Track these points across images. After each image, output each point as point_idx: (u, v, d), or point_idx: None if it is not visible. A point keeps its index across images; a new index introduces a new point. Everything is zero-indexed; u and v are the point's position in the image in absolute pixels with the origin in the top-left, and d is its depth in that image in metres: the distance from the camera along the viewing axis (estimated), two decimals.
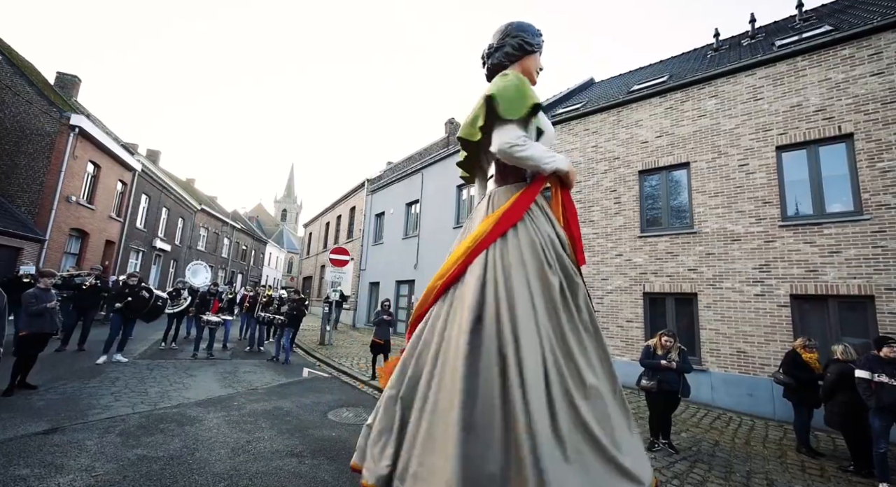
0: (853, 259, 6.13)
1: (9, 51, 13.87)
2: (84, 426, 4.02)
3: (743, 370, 6.80)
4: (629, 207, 8.74)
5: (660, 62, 12.53)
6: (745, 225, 7.15)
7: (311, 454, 3.80)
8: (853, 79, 6.56)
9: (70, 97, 16.85)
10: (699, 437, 5.31)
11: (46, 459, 3.23)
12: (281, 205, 72.20)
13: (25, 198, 12.38)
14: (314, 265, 27.29)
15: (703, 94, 8.10)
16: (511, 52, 1.95)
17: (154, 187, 19.99)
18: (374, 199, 19.10)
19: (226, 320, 9.29)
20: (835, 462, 4.66)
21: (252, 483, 3.14)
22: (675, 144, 8.30)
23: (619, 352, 8.29)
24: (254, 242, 41.00)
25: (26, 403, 4.54)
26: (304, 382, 6.93)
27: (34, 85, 13.09)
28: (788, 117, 7.03)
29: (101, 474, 3.06)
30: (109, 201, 15.93)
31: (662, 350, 4.90)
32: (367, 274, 18.15)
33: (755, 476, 4.15)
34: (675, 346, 4.91)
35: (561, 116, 10.42)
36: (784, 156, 7.08)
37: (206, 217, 28.28)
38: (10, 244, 11.11)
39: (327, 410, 5.29)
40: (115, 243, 16.67)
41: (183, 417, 4.52)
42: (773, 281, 6.74)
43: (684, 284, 7.66)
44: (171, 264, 22.92)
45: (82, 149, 13.62)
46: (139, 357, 7.77)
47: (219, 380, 6.45)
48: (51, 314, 5.18)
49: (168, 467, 3.26)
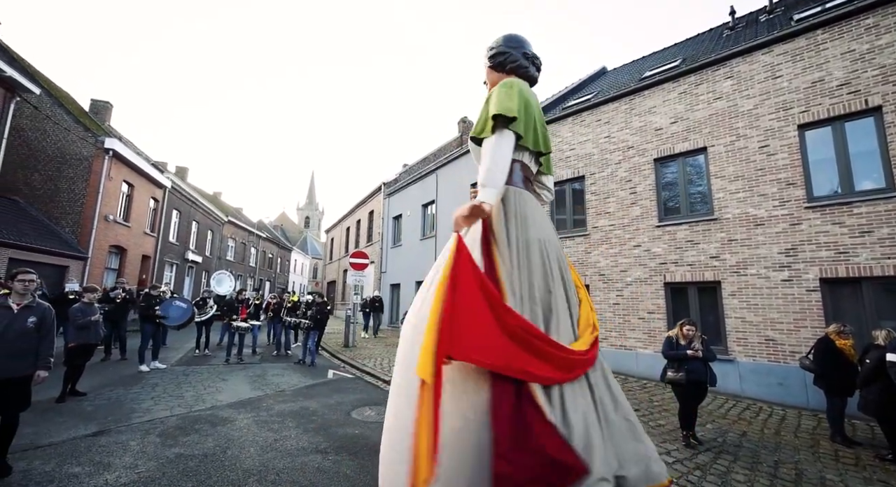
0: (887, 238, 5.83)
1: (47, 83, 14.88)
2: (128, 428, 4.34)
3: (772, 358, 6.57)
4: (646, 197, 8.58)
5: (674, 45, 12.17)
6: (769, 208, 6.90)
7: (334, 450, 3.97)
8: (879, 49, 6.22)
9: (103, 122, 17.90)
10: (725, 428, 5.19)
11: (95, 458, 3.52)
12: (304, 213, 74.05)
13: (69, 219, 13.27)
14: (337, 270, 27.91)
15: (718, 76, 7.85)
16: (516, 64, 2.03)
17: (184, 202, 20.97)
18: (391, 202, 19.38)
19: (254, 325, 9.69)
20: (872, 451, 4.47)
21: (279, 477, 3.32)
22: (690, 129, 8.09)
23: (642, 345, 8.15)
24: (279, 250, 42.26)
25: (77, 408, 4.93)
26: (329, 383, 7.17)
27: (71, 113, 14.01)
28: (810, 94, 6.74)
29: (144, 471, 3.32)
30: (143, 218, 16.85)
31: (685, 339, 4.72)
32: (388, 277, 18.44)
33: (783, 466, 4.04)
34: (696, 335, 4.75)
35: (572, 108, 10.32)
36: (807, 134, 6.79)
37: (234, 228, 29.39)
38: (58, 263, 11.94)
39: (351, 409, 5.48)
40: (151, 257, 17.61)
41: (216, 418, 4.80)
42: (801, 266, 6.48)
43: (707, 273, 7.47)
44: (203, 274, 23.95)
45: (116, 170, 14.47)
46: (176, 364, 8.23)
47: (249, 383, 6.76)
48: (95, 326, 5.60)
49: (203, 464, 3.50)
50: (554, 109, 11.51)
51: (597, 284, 9.12)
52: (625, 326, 8.54)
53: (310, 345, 8.92)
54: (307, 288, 48.02)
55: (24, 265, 9.66)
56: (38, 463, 3.36)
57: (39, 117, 13.57)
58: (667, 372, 4.76)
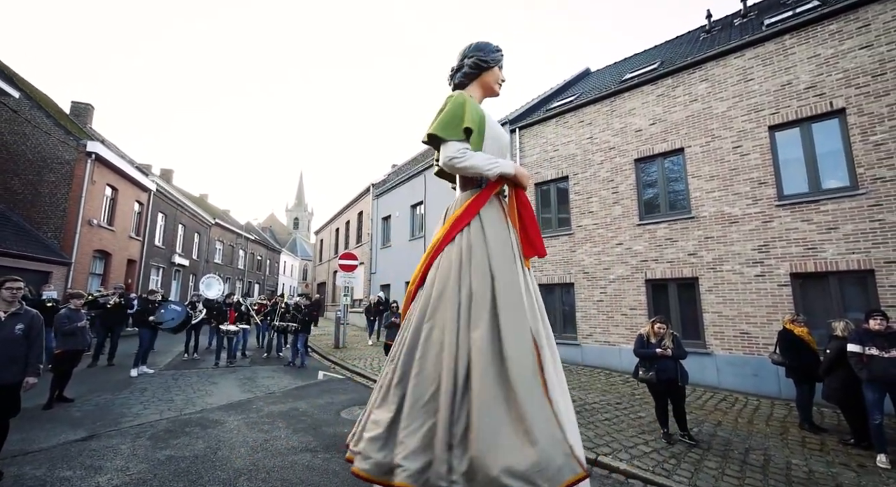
0: (851, 234, 6.14)
1: (26, 85, 14.60)
2: (118, 432, 4.38)
3: (747, 351, 6.85)
4: (627, 196, 8.82)
5: (654, 47, 12.49)
6: (742, 206, 7.19)
7: (324, 449, 4.08)
8: (842, 53, 6.53)
9: (85, 124, 17.61)
10: (702, 419, 5.42)
11: (86, 462, 3.58)
12: (292, 214, 73.44)
13: (51, 224, 13.06)
14: (327, 271, 27.83)
15: (694, 79, 8.12)
16: (469, 71, 2.15)
17: (169, 205, 20.72)
18: (379, 203, 19.43)
19: (244, 329, 9.71)
20: (836, 437, 4.73)
21: (269, 476, 3.42)
22: (668, 131, 8.35)
23: (625, 340, 8.39)
24: (268, 252, 41.91)
25: (65, 414, 4.95)
26: (319, 384, 7.25)
27: (51, 116, 13.77)
28: (779, 96, 7.03)
29: (135, 473, 3.39)
30: (128, 222, 16.63)
31: (656, 337, 4.74)
32: (378, 277, 18.49)
33: (753, 453, 4.26)
34: (667, 333, 4.74)
35: (555, 110, 10.53)
36: (777, 135, 7.08)
37: (221, 230, 29.10)
38: (40, 269, 11.76)
39: (341, 409, 5.58)
40: (137, 261, 17.39)
41: (206, 421, 4.86)
42: (773, 261, 6.77)
43: (685, 269, 7.73)
44: (191, 278, 23.70)
45: (99, 173, 14.27)
46: (164, 368, 8.22)
47: (239, 386, 6.81)
48: (82, 332, 5.61)
49: (194, 465, 3.58)
50: (538, 110, 11.72)
51: (581, 282, 9.35)
52: (608, 322, 8.77)
53: (298, 347, 8.98)
54: (297, 289, 47.70)
55: (6, 271, 9.53)
56: (29, 468, 3.41)
57: (18, 121, 13.32)
58: (638, 372, 4.77)
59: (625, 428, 4.94)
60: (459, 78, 2.17)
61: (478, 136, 1.94)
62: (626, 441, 4.50)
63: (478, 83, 2.17)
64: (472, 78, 2.16)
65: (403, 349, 1.83)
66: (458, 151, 1.88)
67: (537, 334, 1.76)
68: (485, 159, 1.91)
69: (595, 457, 4.01)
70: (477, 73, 2.15)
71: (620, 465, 3.86)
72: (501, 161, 1.95)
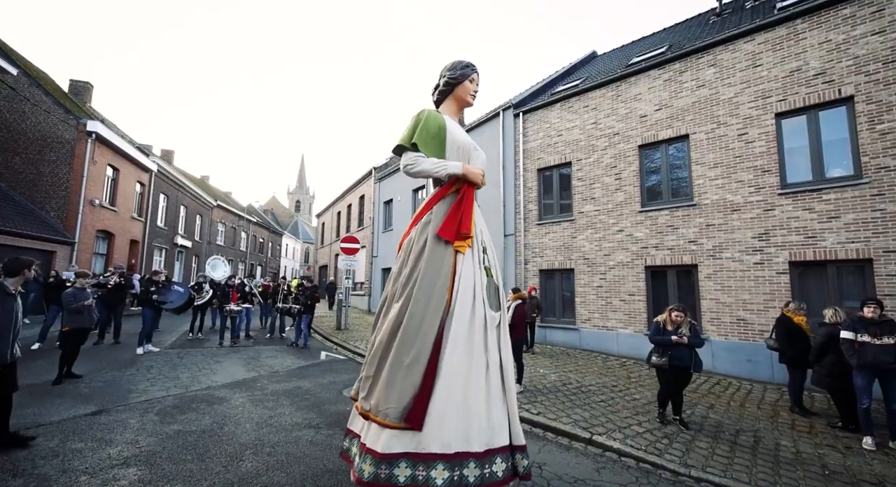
0: (852, 223, 6.14)
1: (24, 63, 14.40)
2: (126, 407, 4.51)
3: (743, 337, 6.95)
4: (629, 182, 8.79)
5: (662, 30, 12.21)
6: (745, 194, 7.17)
7: (326, 425, 4.20)
8: (854, 39, 6.40)
9: (84, 103, 17.44)
10: (695, 402, 5.55)
11: (97, 435, 3.71)
12: (294, 197, 73.20)
13: (53, 203, 13.09)
14: (329, 254, 27.95)
15: (702, 64, 7.99)
16: (443, 89, 2.52)
17: (171, 186, 20.69)
18: (381, 187, 19.37)
19: (247, 308, 9.84)
20: (825, 420, 4.86)
21: (274, 450, 3.54)
22: (674, 117, 8.25)
23: (623, 325, 8.50)
24: (270, 234, 42.01)
25: (74, 390, 5.08)
26: (321, 364, 7.40)
27: (50, 94, 13.63)
28: (788, 83, 6.92)
29: (144, 446, 3.51)
30: (130, 202, 16.65)
31: (672, 325, 4.67)
32: (379, 261, 18.60)
33: (744, 434, 4.39)
34: (685, 321, 4.67)
35: (560, 94, 10.39)
36: (784, 122, 7.01)
37: (223, 212, 29.11)
38: (45, 248, 11.85)
39: (343, 388, 5.72)
40: (139, 242, 17.48)
41: (212, 398, 5.00)
42: (773, 250, 6.79)
43: (685, 256, 7.77)
44: (193, 259, 23.85)
45: (100, 153, 14.21)
46: (169, 347, 8.38)
47: (243, 365, 6.96)
48: (89, 311, 5.70)
49: (201, 439, 3.70)
50: (543, 95, 11.56)
51: (581, 268, 9.41)
52: (607, 308, 8.87)
53: (302, 328, 9.12)
54: (299, 272, 48.00)
55: (10, 251, 9.62)
56: (42, 440, 3.53)
57: (17, 98, 13.19)
58: (651, 357, 4.73)
59: (619, 409, 5.07)
60: (437, 97, 2.57)
61: (438, 144, 2.30)
62: (620, 421, 4.63)
63: (452, 98, 2.54)
64: (446, 94, 2.53)
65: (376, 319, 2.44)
66: (410, 159, 2.27)
67: (454, 305, 2.14)
68: (432, 164, 2.25)
69: (590, 437, 4.14)
70: (449, 89, 2.51)
71: (614, 444, 3.98)
72: (450, 163, 2.27)
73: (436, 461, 1.91)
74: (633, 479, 3.43)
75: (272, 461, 3.31)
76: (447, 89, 2.51)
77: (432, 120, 2.32)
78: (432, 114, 2.35)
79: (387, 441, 1.95)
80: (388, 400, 2.00)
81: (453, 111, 2.54)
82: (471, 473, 1.94)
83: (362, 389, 2.22)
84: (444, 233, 2.20)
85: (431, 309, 2.08)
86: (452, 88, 2.49)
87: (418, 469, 1.90)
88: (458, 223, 2.20)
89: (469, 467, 1.94)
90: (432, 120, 2.32)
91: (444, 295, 2.11)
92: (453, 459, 1.92)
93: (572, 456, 3.84)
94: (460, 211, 2.24)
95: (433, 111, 2.40)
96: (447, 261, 2.17)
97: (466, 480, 1.92)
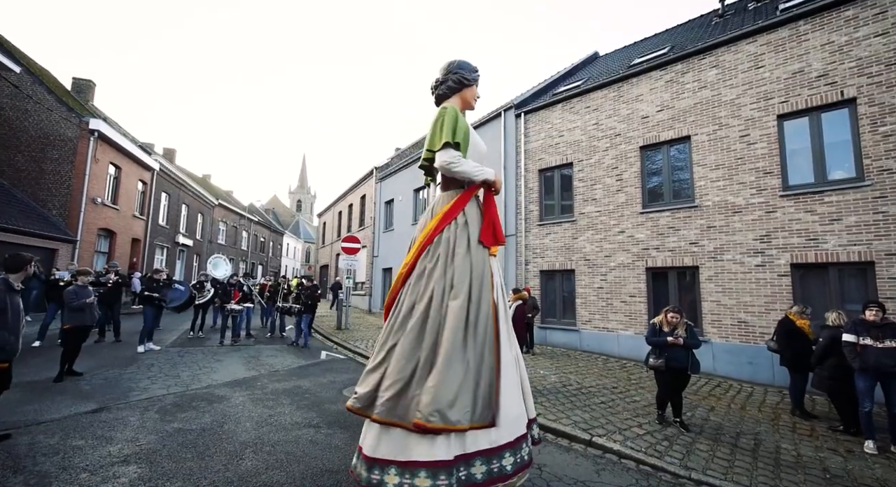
0: (854, 226, 6.13)
1: (27, 60, 14.44)
2: (126, 405, 4.52)
3: (744, 339, 6.94)
4: (631, 184, 8.78)
5: (665, 31, 12.20)
6: (746, 196, 7.16)
7: (326, 425, 4.20)
8: (856, 41, 6.39)
9: (86, 101, 17.49)
10: (696, 404, 5.53)
11: (97, 432, 3.71)
12: (295, 196, 73.22)
13: (55, 201, 13.13)
14: (330, 253, 27.97)
15: (704, 65, 7.97)
16: (452, 86, 2.52)
17: (173, 185, 20.73)
18: (383, 187, 19.38)
19: (247, 307, 9.85)
20: (826, 423, 4.84)
21: (274, 449, 3.55)
22: (675, 118, 8.24)
23: (623, 327, 8.49)
24: (271, 234, 42.06)
25: (75, 388, 5.09)
26: (321, 364, 7.40)
27: (53, 92, 13.67)
28: (790, 84, 6.91)
29: (144, 444, 3.52)
30: (132, 201, 16.69)
31: (668, 326, 4.69)
32: (380, 261, 18.60)
33: (744, 437, 4.38)
34: (681, 322, 4.67)
35: (561, 95, 10.38)
36: (786, 124, 6.99)
37: (224, 211, 29.16)
38: (47, 246, 11.89)
39: (343, 387, 5.72)
40: (141, 240, 17.52)
41: (212, 396, 5.00)
42: (774, 252, 6.78)
43: (686, 258, 7.76)
44: (195, 258, 23.89)
45: (102, 152, 14.25)
46: (170, 345, 8.39)
47: (243, 364, 6.96)
48: (90, 308, 5.71)
49: (201, 437, 3.71)
50: (545, 95, 11.56)
51: (582, 269, 9.40)
52: (608, 309, 8.86)
53: (303, 328, 9.12)
54: (300, 272, 48.02)
55: (13, 248, 9.64)
56: (43, 437, 3.54)
57: (20, 96, 13.23)
58: (649, 359, 4.74)
59: (620, 411, 5.06)
60: (443, 90, 2.54)
61: (465, 146, 2.32)
62: (620, 423, 4.62)
63: (458, 97, 2.54)
64: (454, 92, 2.53)
65: (398, 318, 2.25)
66: (454, 157, 2.25)
67: (497, 304, 2.27)
68: (473, 166, 2.31)
69: (590, 438, 4.14)
70: (459, 88, 2.52)
71: (614, 446, 3.97)
72: (486, 169, 2.37)
73: (504, 451, 2.04)
74: (633, 481, 3.42)
75: (272, 459, 3.31)
76: (456, 87, 2.52)
77: (462, 121, 2.34)
78: (461, 115, 2.37)
79: (459, 443, 1.98)
80: (461, 403, 1.95)
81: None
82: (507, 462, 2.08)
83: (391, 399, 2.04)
84: (485, 238, 2.33)
85: (485, 308, 2.18)
86: (461, 89, 2.52)
87: (492, 463, 2.01)
88: (493, 230, 2.36)
89: (506, 457, 2.08)
90: (462, 121, 2.34)
91: (489, 293, 2.24)
92: (514, 445, 2.08)
93: (572, 458, 3.84)
94: (489, 217, 2.37)
95: (459, 111, 2.40)
96: (486, 262, 2.31)
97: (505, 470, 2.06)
